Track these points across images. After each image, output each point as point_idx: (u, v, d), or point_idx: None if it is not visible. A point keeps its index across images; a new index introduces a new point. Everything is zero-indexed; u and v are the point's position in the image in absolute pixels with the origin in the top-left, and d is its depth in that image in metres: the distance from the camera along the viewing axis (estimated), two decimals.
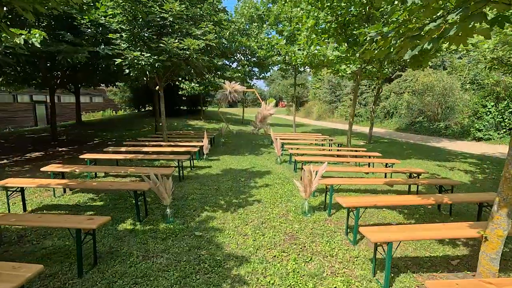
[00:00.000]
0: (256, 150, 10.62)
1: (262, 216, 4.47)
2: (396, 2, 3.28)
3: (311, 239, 3.80)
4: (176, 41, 7.26)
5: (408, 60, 9.07)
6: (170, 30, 7.90)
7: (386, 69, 12.31)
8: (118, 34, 7.17)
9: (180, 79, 14.11)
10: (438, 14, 2.47)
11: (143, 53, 7.07)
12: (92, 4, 7.73)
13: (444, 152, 11.26)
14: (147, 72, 7.65)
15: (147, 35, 7.47)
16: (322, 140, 11.42)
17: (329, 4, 6.70)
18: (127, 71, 7.32)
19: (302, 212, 4.57)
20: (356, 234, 3.69)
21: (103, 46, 7.29)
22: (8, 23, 6.62)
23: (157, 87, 11.14)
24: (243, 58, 18.61)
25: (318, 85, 34.86)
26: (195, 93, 18.94)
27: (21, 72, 9.76)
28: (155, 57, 7.16)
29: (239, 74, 18.36)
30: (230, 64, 18.13)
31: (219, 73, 16.88)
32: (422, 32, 2.36)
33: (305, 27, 7.25)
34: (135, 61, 7.04)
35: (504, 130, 13.82)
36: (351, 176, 6.79)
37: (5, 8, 3.14)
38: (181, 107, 24.83)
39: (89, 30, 7.80)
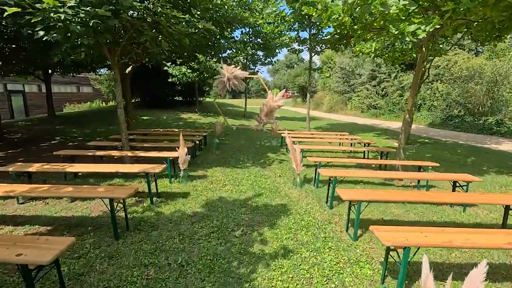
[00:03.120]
0: (262, 157, 7.59)
1: None
2: None
3: None
4: None
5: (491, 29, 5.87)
6: None
7: (440, 46, 9.09)
8: None
9: (159, 59, 10.76)
10: None
11: (64, 1, 3.99)
12: None
13: None
14: (80, 38, 4.53)
15: None
16: (352, 145, 8.34)
17: None
18: (41, 33, 4.26)
19: None
20: None
21: None
22: None
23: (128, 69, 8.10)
24: (244, 32, 15.33)
25: (327, 74, 31.38)
26: (189, 81, 15.83)
27: None
28: (88, 8, 4.07)
29: (240, 58, 15.12)
30: (226, 44, 14.84)
31: (221, 55, 13.60)
32: None
33: None
34: (51, 14, 3.97)
35: None
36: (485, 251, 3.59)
37: None
38: (175, 98, 21.64)
39: None
